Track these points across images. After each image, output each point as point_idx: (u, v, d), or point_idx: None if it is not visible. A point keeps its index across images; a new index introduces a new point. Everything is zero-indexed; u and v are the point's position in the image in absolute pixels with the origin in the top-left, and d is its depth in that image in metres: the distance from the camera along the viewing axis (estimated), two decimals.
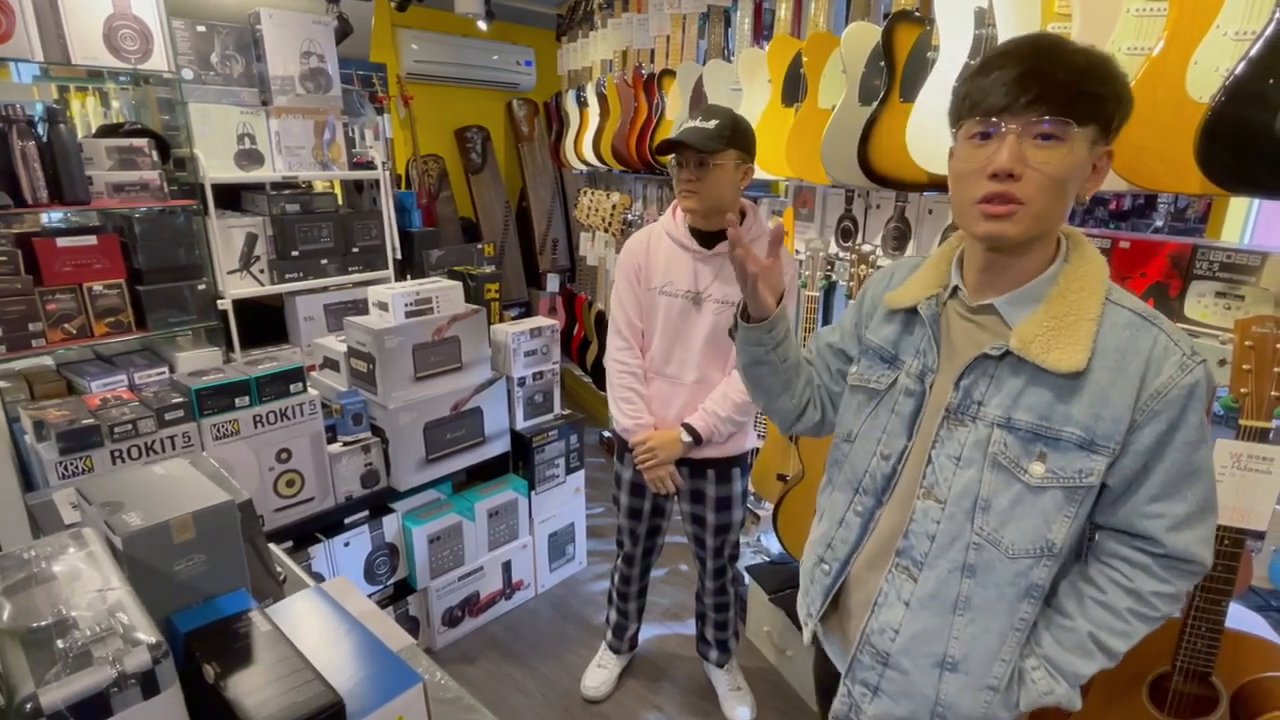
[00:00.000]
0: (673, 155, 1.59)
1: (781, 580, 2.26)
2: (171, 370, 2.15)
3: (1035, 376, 0.85)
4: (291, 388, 1.85)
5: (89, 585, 0.64)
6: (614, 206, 3.45)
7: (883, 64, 1.68)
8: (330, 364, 2.25)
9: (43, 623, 0.58)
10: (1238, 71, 1.04)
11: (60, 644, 0.55)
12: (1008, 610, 0.89)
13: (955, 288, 0.94)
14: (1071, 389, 0.83)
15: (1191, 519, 0.85)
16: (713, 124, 1.52)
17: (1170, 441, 0.82)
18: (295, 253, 2.49)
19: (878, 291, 1.05)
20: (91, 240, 2.03)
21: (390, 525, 2.16)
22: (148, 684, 0.55)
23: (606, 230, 3.49)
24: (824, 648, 1.12)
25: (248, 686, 0.64)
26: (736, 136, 1.54)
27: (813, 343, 1.19)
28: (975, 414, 0.89)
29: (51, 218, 2.40)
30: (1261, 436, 1.06)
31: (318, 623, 0.81)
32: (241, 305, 2.40)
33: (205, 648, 0.70)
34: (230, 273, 2.37)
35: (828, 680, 1.14)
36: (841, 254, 2.11)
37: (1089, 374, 0.82)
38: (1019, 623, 0.89)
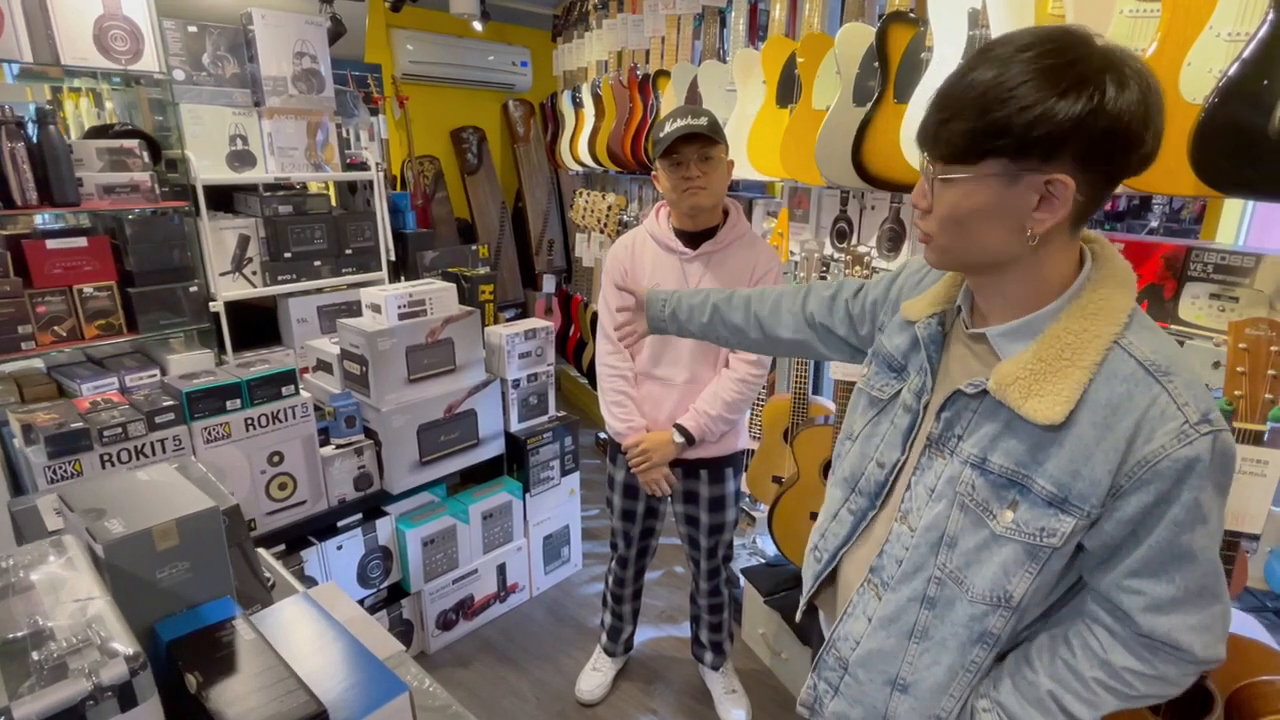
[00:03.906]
0: (666, 158, 1.59)
1: (777, 582, 2.26)
2: (163, 373, 2.14)
3: (1014, 421, 0.78)
4: (283, 390, 1.84)
5: (68, 594, 0.63)
6: (610, 207, 3.45)
7: (877, 65, 1.67)
8: (323, 366, 2.24)
9: (18, 634, 0.57)
10: (1231, 73, 1.03)
11: (36, 656, 0.54)
12: (959, 650, 0.86)
13: (959, 308, 0.89)
14: (1051, 440, 0.76)
15: (1177, 604, 0.75)
16: (704, 120, 1.55)
17: (1159, 516, 0.73)
18: (288, 254, 2.48)
19: (908, 287, 1.01)
20: (82, 242, 2.02)
21: (384, 528, 2.14)
22: (125, 696, 0.55)
23: (602, 231, 3.49)
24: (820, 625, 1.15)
25: (230, 696, 0.63)
26: (722, 130, 1.60)
27: (837, 291, 1.15)
28: (954, 448, 0.84)
29: (44, 219, 2.38)
30: (1256, 439, 1.05)
31: (304, 630, 0.80)
32: (234, 307, 2.39)
33: (188, 657, 0.69)
34: (222, 274, 2.36)
35: None
36: (837, 255, 2.11)
37: (1073, 426, 0.74)
38: (970, 664, 0.87)
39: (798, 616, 1.16)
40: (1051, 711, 0.83)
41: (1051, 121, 0.66)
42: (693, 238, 1.68)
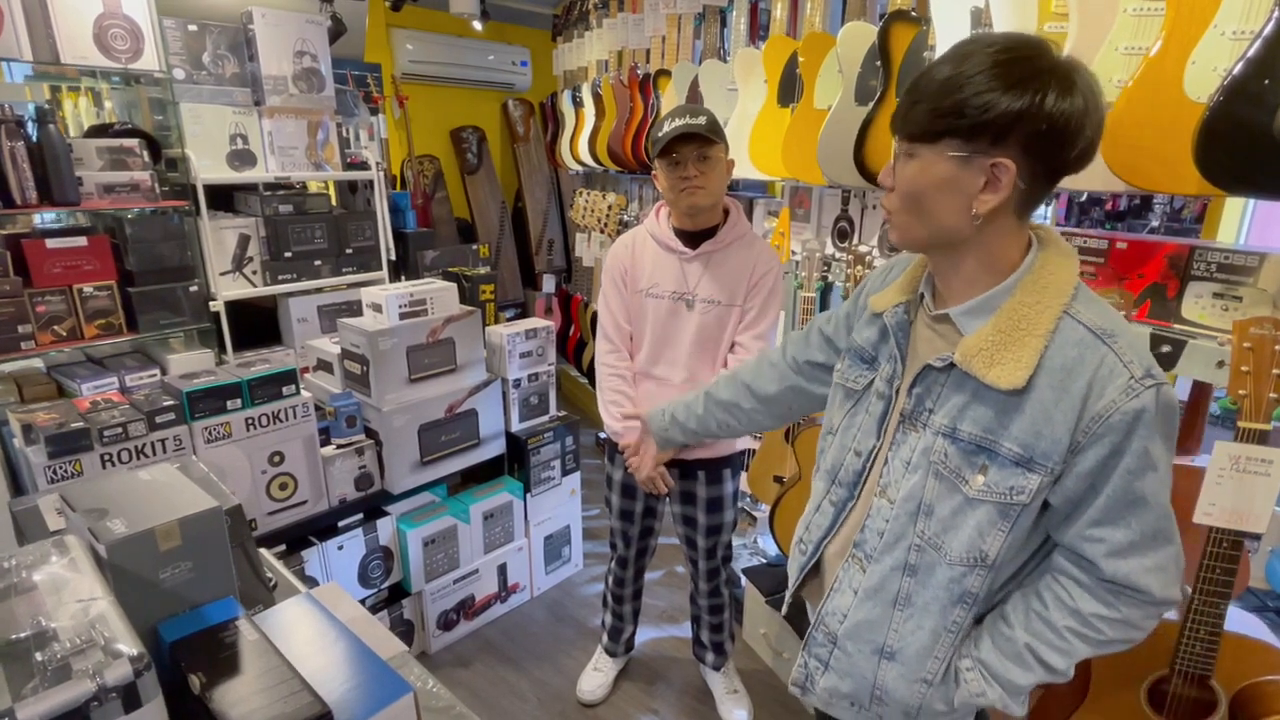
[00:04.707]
0: (665, 157, 1.59)
1: (778, 582, 2.25)
2: (163, 372, 2.13)
3: (979, 390, 0.85)
4: (284, 390, 1.83)
5: (71, 595, 0.62)
6: (610, 207, 3.44)
7: (879, 64, 1.67)
8: (324, 366, 2.23)
9: (21, 634, 0.56)
10: (1236, 71, 1.03)
11: (39, 657, 0.54)
12: (940, 612, 0.92)
13: (923, 295, 0.95)
14: (1014, 405, 0.82)
15: (1135, 547, 0.83)
16: (703, 119, 1.54)
17: (1114, 467, 0.80)
18: (288, 254, 2.47)
19: (873, 287, 1.07)
20: (82, 241, 2.01)
21: (385, 528, 2.14)
22: (129, 697, 0.54)
23: (602, 231, 3.48)
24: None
25: (234, 697, 0.63)
26: (722, 130, 1.60)
27: (810, 325, 1.23)
28: (925, 421, 0.91)
29: (44, 218, 2.38)
30: (1260, 438, 1.05)
31: (307, 630, 0.79)
32: (234, 307, 2.39)
33: (191, 657, 0.69)
34: (223, 274, 2.35)
35: None
36: (838, 255, 2.11)
37: (1032, 391, 0.81)
38: (951, 625, 0.92)
39: (784, 610, 1.18)
40: (1029, 664, 0.89)
41: (996, 110, 0.74)
42: (693, 237, 1.68)
